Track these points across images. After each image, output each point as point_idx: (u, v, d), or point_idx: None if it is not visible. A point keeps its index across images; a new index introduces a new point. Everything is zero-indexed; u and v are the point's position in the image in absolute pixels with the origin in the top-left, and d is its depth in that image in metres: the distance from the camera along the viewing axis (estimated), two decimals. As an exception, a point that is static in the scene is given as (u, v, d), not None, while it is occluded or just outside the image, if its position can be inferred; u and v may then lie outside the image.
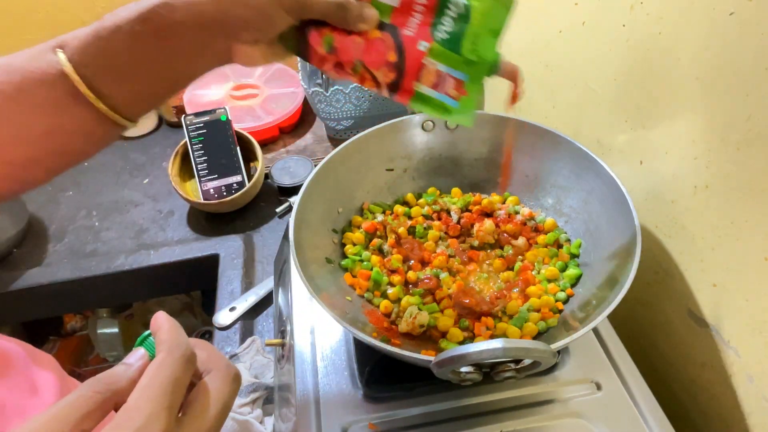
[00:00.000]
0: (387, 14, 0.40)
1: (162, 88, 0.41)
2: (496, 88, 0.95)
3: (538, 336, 0.52)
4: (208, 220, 0.96)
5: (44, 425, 0.28)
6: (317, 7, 0.39)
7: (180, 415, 0.31)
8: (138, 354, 0.33)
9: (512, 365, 0.42)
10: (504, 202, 0.65)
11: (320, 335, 0.56)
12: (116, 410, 0.30)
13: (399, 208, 0.65)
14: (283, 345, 0.62)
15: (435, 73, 0.40)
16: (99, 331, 1.16)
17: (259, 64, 0.42)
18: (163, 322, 0.34)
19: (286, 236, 0.68)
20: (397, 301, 0.56)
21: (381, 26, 0.40)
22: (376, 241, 0.61)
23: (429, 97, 0.41)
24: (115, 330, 1.17)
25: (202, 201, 0.91)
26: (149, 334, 0.34)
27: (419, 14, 0.41)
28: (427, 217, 0.65)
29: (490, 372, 0.43)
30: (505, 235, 0.62)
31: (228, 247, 0.90)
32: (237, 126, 1.00)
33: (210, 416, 0.32)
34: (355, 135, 0.63)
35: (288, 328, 0.60)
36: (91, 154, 0.43)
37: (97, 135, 0.41)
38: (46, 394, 0.45)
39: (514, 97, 0.48)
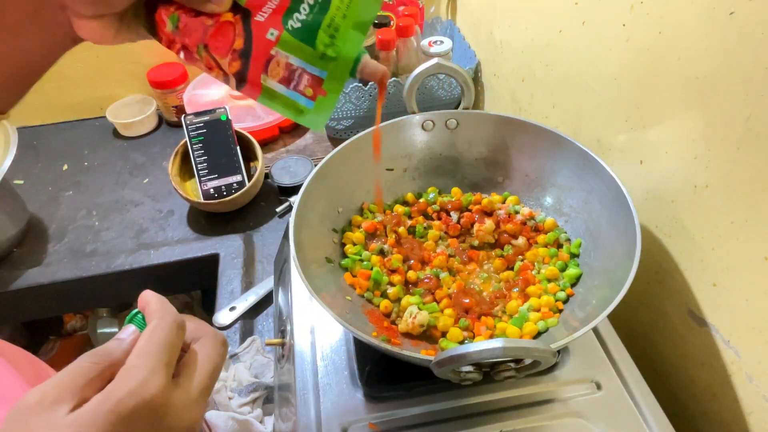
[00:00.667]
0: None
1: (11, 71, 0.38)
2: (496, 89, 0.95)
3: (538, 336, 0.52)
4: (208, 220, 0.96)
5: (49, 392, 0.29)
6: None
7: (174, 378, 0.33)
8: (129, 330, 0.35)
9: (512, 365, 0.42)
10: (504, 202, 0.66)
11: (320, 335, 0.56)
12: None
13: (399, 208, 0.65)
14: (283, 344, 0.63)
15: (285, 66, 0.36)
16: (99, 330, 1.16)
17: (110, 42, 0.38)
18: (150, 297, 0.35)
19: (286, 236, 0.68)
20: (397, 300, 0.56)
21: (235, 9, 0.36)
22: (374, 246, 0.61)
23: (279, 93, 0.36)
24: (115, 330, 1.17)
25: (202, 201, 0.91)
26: (138, 312, 0.36)
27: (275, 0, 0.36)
28: (427, 216, 0.65)
29: (490, 372, 0.43)
30: (505, 234, 0.62)
31: (228, 247, 0.90)
32: (237, 125, 1.00)
33: (201, 377, 0.34)
34: (355, 135, 0.63)
35: (288, 327, 0.60)
36: None
37: None
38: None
39: (380, 101, 0.44)
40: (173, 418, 0.31)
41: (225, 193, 0.92)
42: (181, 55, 0.38)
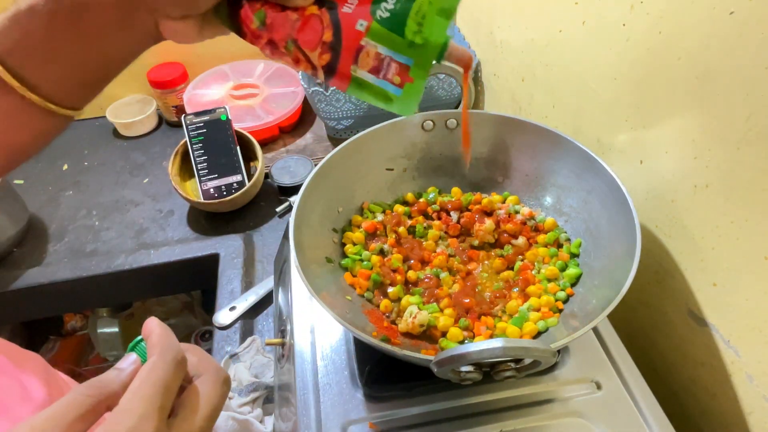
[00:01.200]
0: None
1: (92, 71, 0.39)
2: (496, 89, 0.95)
3: (538, 335, 0.52)
4: (208, 220, 0.96)
5: (39, 426, 0.28)
6: None
7: (170, 417, 0.32)
8: (130, 359, 0.34)
9: (512, 365, 0.42)
10: (504, 202, 0.66)
11: (320, 335, 0.56)
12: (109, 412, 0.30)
13: (399, 208, 0.65)
14: (283, 344, 0.63)
15: (375, 56, 0.36)
16: (99, 330, 1.16)
17: (193, 40, 0.39)
18: (154, 327, 0.34)
19: (286, 236, 0.68)
20: (397, 300, 0.56)
21: (320, 2, 0.36)
22: (374, 245, 0.61)
23: (368, 83, 0.37)
24: (115, 329, 1.17)
25: (202, 200, 0.91)
26: (141, 340, 0.35)
27: None
28: (427, 216, 0.65)
29: (490, 371, 0.43)
30: (505, 234, 0.62)
31: (228, 247, 0.90)
32: (237, 125, 1.00)
33: (200, 418, 0.32)
34: (355, 135, 0.63)
35: (288, 327, 0.60)
36: (38, 147, 0.42)
37: (37, 126, 0.40)
38: (36, 398, 0.45)
39: (465, 86, 0.44)
40: None
41: (225, 193, 0.92)
42: (267, 50, 0.38)
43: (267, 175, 1.01)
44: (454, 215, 0.64)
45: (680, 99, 0.51)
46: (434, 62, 0.37)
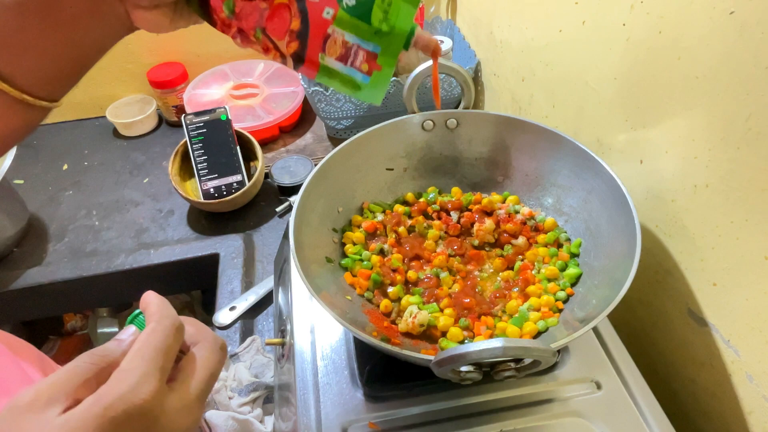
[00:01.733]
0: None
1: (66, 62, 0.39)
2: (496, 89, 0.95)
3: (538, 335, 0.52)
4: (208, 220, 0.96)
5: (45, 390, 0.29)
6: None
7: (169, 383, 0.33)
8: (129, 331, 0.34)
9: (512, 364, 0.42)
10: (504, 202, 0.66)
11: (320, 334, 0.56)
12: None
13: (399, 208, 0.65)
14: (283, 344, 0.63)
15: (342, 43, 0.36)
16: (99, 330, 1.16)
17: (166, 29, 0.40)
18: (152, 299, 0.35)
19: (286, 236, 0.68)
20: (397, 300, 0.56)
21: None
22: (374, 245, 0.61)
23: (336, 70, 0.37)
24: (115, 329, 1.17)
25: (202, 200, 0.91)
26: (139, 313, 0.35)
27: None
28: (427, 216, 0.65)
29: (490, 371, 0.43)
30: (505, 234, 0.62)
31: (228, 247, 0.90)
32: (237, 125, 1.00)
33: (197, 381, 0.33)
34: (355, 134, 0.63)
35: (288, 327, 0.60)
36: (17, 139, 0.42)
37: (14, 118, 0.39)
38: (35, 381, 0.46)
39: (435, 79, 0.44)
40: (166, 423, 0.31)
41: (225, 193, 0.92)
42: (237, 39, 0.38)
43: (267, 175, 1.01)
44: (454, 215, 0.64)
45: (680, 99, 0.51)
46: (402, 50, 0.37)
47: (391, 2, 0.36)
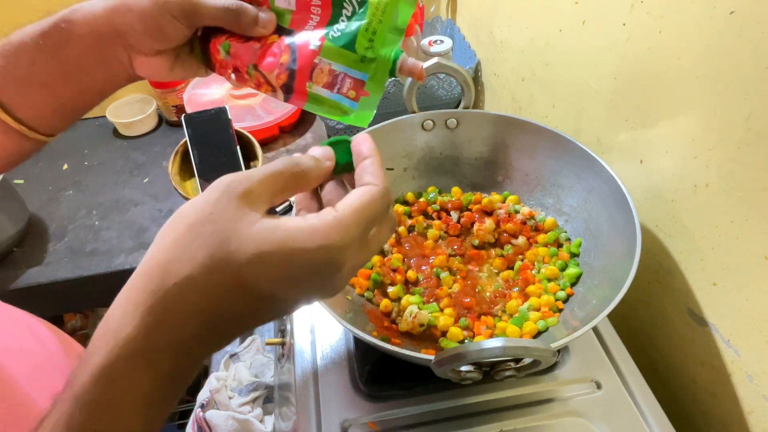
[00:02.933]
0: (286, 18, 0.40)
1: (67, 101, 0.42)
2: (496, 89, 0.95)
3: (538, 335, 0.52)
4: (208, 220, 0.96)
5: (256, 188, 0.28)
6: (208, 12, 0.38)
7: None
8: (327, 154, 0.33)
9: (512, 364, 0.42)
10: (504, 201, 0.66)
11: (320, 334, 0.56)
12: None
13: (399, 208, 0.65)
14: (283, 344, 0.63)
15: (329, 72, 0.38)
16: (99, 330, 1.16)
17: (164, 77, 0.42)
18: (370, 147, 0.34)
19: (286, 235, 0.68)
20: (397, 300, 0.56)
21: (280, 30, 0.40)
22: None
23: (324, 98, 0.39)
24: (116, 329, 1.17)
25: (202, 200, 0.91)
26: (342, 141, 0.35)
27: (316, 15, 0.39)
28: (427, 216, 0.65)
29: (490, 371, 0.43)
30: (505, 234, 0.62)
31: (228, 247, 0.90)
32: (237, 125, 0.99)
33: (380, 243, 0.33)
34: (354, 135, 0.63)
35: (288, 327, 0.60)
36: (6, 166, 0.44)
37: (7, 146, 0.41)
38: (42, 337, 0.48)
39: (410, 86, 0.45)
40: (345, 276, 0.30)
41: (225, 193, 0.91)
42: (233, 76, 0.41)
43: (267, 175, 1.01)
44: (454, 215, 0.64)
45: (680, 99, 0.51)
46: (389, 76, 0.38)
47: (375, 30, 0.38)
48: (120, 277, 0.88)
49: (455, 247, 0.62)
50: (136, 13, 0.37)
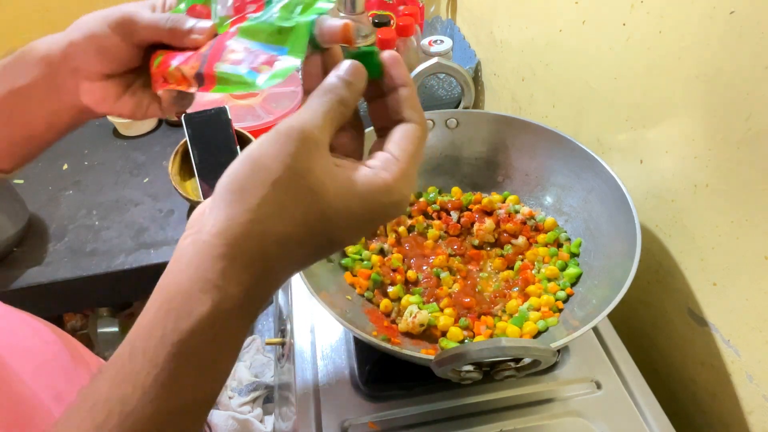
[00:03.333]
0: (225, 26, 0.38)
1: (17, 136, 0.40)
2: (496, 89, 0.95)
3: (538, 335, 0.52)
4: (209, 220, 0.96)
5: (318, 125, 0.28)
6: (143, 22, 0.37)
7: None
8: (359, 74, 0.31)
9: (512, 364, 0.42)
10: (504, 201, 0.66)
11: (320, 334, 0.56)
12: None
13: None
14: (283, 344, 0.63)
15: (242, 50, 0.35)
16: (99, 330, 1.16)
17: (109, 107, 0.40)
18: (409, 81, 0.33)
19: (286, 235, 0.68)
20: (397, 300, 0.56)
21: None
22: (374, 245, 0.61)
23: (230, 74, 0.35)
24: (116, 329, 1.17)
25: (202, 200, 0.91)
26: (370, 53, 0.32)
27: (250, 11, 0.37)
28: (427, 216, 0.65)
29: (490, 371, 0.43)
30: (505, 234, 0.62)
31: (228, 247, 0.90)
32: (237, 125, 0.99)
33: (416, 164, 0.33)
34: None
35: (288, 326, 0.60)
36: None
37: None
38: (46, 337, 0.48)
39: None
40: (392, 214, 0.31)
41: (225, 193, 0.91)
42: (162, 86, 0.38)
43: (267, 175, 1.01)
44: (454, 215, 0.64)
45: (680, 99, 0.51)
46: (309, 48, 0.34)
47: (298, 4, 0.35)
48: (120, 277, 0.88)
49: (455, 247, 0.62)
50: (82, 30, 0.37)
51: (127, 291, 0.94)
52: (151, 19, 0.37)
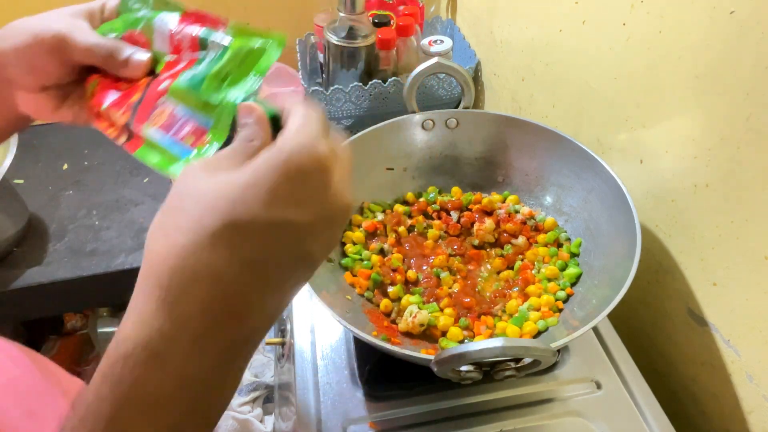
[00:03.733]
0: (162, 62, 0.36)
1: None
2: (496, 88, 0.95)
3: (538, 335, 0.52)
4: (208, 220, 0.96)
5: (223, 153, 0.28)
6: (77, 47, 0.35)
7: None
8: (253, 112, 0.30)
9: (512, 364, 0.42)
10: (504, 201, 0.66)
11: (320, 334, 0.56)
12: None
13: (399, 208, 0.65)
14: (283, 344, 0.63)
15: (169, 114, 0.33)
16: (99, 330, 1.16)
17: (47, 116, 0.39)
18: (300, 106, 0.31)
19: (286, 235, 0.68)
20: (397, 300, 0.56)
21: (155, 74, 0.36)
22: (374, 245, 0.61)
23: (156, 143, 0.33)
24: (115, 329, 1.17)
25: (202, 200, 0.91)
26: (256, 98, 0.31)
27: (185, 60, 0.36)
28: (427, 216, 0.65)
29: (490, 371, 0.43)
30: (505, 234, 0.62)
31: (228, 246, 0.90)
32: (237, 125, 0.99)
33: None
34: (355, 134, 0.63)
35: (288, 326, 0.60)
36: None
37: None
38: (17, 357, 0.46)
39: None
40: (339, 182, 0.29)
41: (225, 193, 0.91)
42: (95, 119, 0.37)
43: (267, 175, 1.01)
44: (454, 215, 0.64)
45: (680, 99, 0.51)
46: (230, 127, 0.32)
47: (229, 74, 0.33)
48: (120, 277, 0.88)
49: (455, 247, 0.62)
50: (14, 42, 0.35)
51: (127, 291, 0.93)
52: (86, 45, 0.36)
